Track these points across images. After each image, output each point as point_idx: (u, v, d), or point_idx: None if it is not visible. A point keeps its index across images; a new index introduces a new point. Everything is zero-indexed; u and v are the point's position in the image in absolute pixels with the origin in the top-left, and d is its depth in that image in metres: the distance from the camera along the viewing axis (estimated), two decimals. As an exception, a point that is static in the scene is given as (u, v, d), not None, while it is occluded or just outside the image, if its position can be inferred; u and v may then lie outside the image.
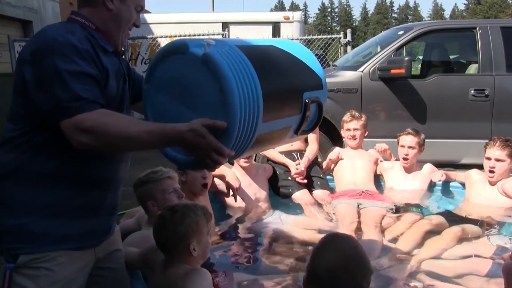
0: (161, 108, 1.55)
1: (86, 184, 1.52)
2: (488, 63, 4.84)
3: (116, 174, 1.63)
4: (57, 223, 1.48)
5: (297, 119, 1.70)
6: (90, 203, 1.55)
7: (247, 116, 1.42)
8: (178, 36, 7.92)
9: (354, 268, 1.47)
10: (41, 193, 1.46)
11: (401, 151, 3.61)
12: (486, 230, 2.97)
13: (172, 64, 1.50)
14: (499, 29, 4.92)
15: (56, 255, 1.48)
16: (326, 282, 1.46)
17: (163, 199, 2.18)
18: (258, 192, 3.37)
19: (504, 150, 3.16)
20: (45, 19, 11.85)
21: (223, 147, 1.36)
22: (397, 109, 4.84)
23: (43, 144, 1.45)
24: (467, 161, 4.60)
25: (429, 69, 5.85)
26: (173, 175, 2.26)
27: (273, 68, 1.61)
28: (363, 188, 3.52)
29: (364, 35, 69.45)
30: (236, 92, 1.39)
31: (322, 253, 1.52)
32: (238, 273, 2.40)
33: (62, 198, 1.48)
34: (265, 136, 1.57)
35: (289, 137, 1.75)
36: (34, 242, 1.46)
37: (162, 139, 1.37)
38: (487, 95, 4.74)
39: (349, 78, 4.88)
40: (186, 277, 1.69)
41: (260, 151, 1.68)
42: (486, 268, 2.44)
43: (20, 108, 1.45)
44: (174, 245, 1.76)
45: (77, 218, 1.52)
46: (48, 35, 1.41)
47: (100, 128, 1.33)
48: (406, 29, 5.30)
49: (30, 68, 1.37)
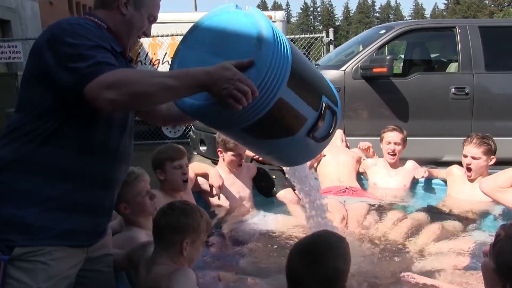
0: (191, 63, 1.59)
1: (87, 180, 1.53)
2: (468, 61, 4.91)
3: (117, 175, 1.65)
4: (55, 217, 1.48)
5: (314, 116, 1.74)
6: (90, 200, 1.56)
7: (276, 64, 1.49)
8: (161, 36, 7.87)
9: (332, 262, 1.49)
10: (42, 185, 1.46)
11: (386, 148, 3.65)
12: (467, 225, 3.01)
13: (215, 22, 1.62)
14: (477, 29, 5.00)
15: (52, 250, 1.47)
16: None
17: (136, 202, 2.17)
18: (242, 191, 3.37)
19: (480, 147, 3.20)
20: (24, 18, 11.66)
21: (249, 80, 1.40)
22: (379, 108, 4.88)
23: (50, 135, 1.46)
24: (448, 159, 4.66)
25: (411, 68, 5.92)
26: (146, 178, 2.24)
27: (303, 59, 1.76)
28: (347, 185, 3.55)
29: (347, 34, 69.98)
30: (272, 41, 1.49)
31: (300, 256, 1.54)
32: (223, 272, 2.39)
33: (62, 192, 1.48)
34: (284, 107, 1.60)
35: (301, 134, 1.74)
36: (31, 235, 1.45)
37: (186, 80, 1.38)
38: (467, 93, 4.82)
39: (332, 77, 4.90)
40: (171, 277, 1.68)
41: (274, 130, 1.68)
42: (465, 263, 2.49)
43: (32, 96, 1.47)
44: (170, 232, 1.76)
45: (76, 214, 1.52)
46: (63, 23, 1.47)
47: (124, 80, 1.35)
48: (388, 28, 5.35)
49: (50, 52, 1.41)
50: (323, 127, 1.79)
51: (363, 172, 3.88)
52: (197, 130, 5.36)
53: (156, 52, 8.48)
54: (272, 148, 1.84)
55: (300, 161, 2.03)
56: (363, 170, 3.86)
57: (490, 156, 3.22)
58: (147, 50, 8.49)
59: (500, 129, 4.64)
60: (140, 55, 8.52)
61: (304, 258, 1.52)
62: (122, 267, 1.98)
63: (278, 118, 1.64)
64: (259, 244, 2.85)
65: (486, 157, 3.21)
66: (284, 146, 1.79)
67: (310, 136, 1.76)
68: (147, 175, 2.27)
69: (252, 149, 2.05)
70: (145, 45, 8.38)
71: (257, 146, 1.87)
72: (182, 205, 1.84)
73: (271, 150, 1.87)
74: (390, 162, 3.68)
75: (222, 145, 3.26)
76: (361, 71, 4.82)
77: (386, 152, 3.67)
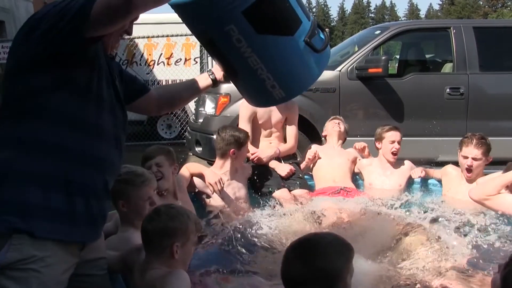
0: None
1: (82, 160, 1.52)
2: (462, 62, 4.94)
3: (109, 157, 1.62)
4: (49, 196, 1.45)
5: (307, 24, 1.74)
6: (84, 180, 1.53)
7: None
8: (156, 37, 7.85)
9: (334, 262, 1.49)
10: (38, 162, 1.45)
11: (390, 147, 3.64)
12: (463, 225, 3.02)
13: None
14: (472, 29, 5.03)
15: (44, 256, 1.44)
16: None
17: (135, 204, 2.16)
18: (238, 191, 3.37)
19: (480, 148, 3.22)
20: (18, 19, 11.60)
21: None
22: (375, 108, 4.90)
23: (34, 109, 1.47)
24: (443, 159, 4.68)
25: (406, 68, 5.95)
26: (152, 185, 2.24)
27: None
28: (341, 185, 3.55)
29: (342, 34, 70.04)
30: None
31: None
32: (218, 274, 2.39)
33: (57, 169, 1.47)
34: None
35: (299, 37, 1.71)
36: (27, 214, 1.42)
37: None
38: (462, 94, 4.84)
39: (327, 77, 4.91)
40: (164, 279, 1.67)
41: (274, 20, 1.65)
42: (461, 265, 2.49)
43: (15, 89, 1.48)
44: (159, 238, 1.75)
45: (71, 194, 1.49)
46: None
47: None
48: (383, 28, 5.38)
49: (44, 20, 1.43)
50: (318, 37, 1.77)
51: (358, 173, 3.89)
52: (193, 131, 5.35)
53: (152, 53, 8.45)
54: (272, 52, 1.74)
55: (301, 83, 1.90)
56: (359, 171, 3.86)
57: (488, 156, 3.25)
58: (142, 51, 8.47)
59: (494, 129, 4.66)
60: (135, 56, 8.49)
61: (299, 257, 1.51)
62: (116, 269, 1.97)
63: (277, 4, 1.64)
64: (256, 244, 2.84)
65: (485, 158, 3.24)
66: (284, 51, 1.74)
67: (307, 42, 1.72)
68: (155, 182, 2.26)
69: (251, 54, 1.76)
70: (140, 46, 8.36)
71: (257, 47, 1.72)
72: (167, 209, 1.82)
73: (271, 57, 1.75)
74: (391, 161, 3.68)
75: (236, 145, 3.28)
76: (356, 72, 4.84)
77: (390, 152, 3.65)
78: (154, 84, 8.39)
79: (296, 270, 1.49)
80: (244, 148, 3.39)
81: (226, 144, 3.29)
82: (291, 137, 3.84)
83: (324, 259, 1.48)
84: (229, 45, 1.68)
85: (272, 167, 3.69)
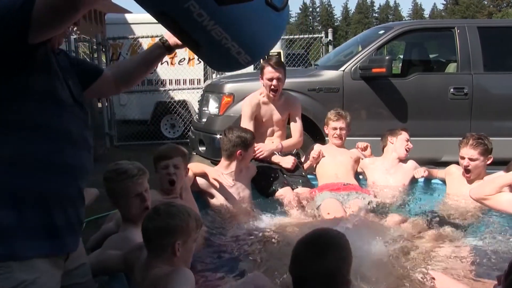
0: None
1: (54, 170, 1.44)
2: (466, 62, 4.92)
3: (80, 160, 1.54)
4: (26, 213, 1.37)
5: None
6: (59, 191, 1.46)
7: None
8: (161, 36, 7.83)
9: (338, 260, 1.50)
10: (7, 179, 1.35)
11: (404, 144, 3.72)
12: (466, 225, 3.02)
13: None
14: (476, 29, 5.01)
15: (35, 278, 1.37)
16: None
17: (125, 202, 2.17)
18: (242, 192, 3.38)
19: (476, 148, 3.21)
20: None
21: None
22: (378, 108, 4.89)
23: None
24: (447, 159, 4.67)
25: (410, 68, 5.93)
26: (138, 181, 2.18)
27: None
28: (344, 181, 3.56)
29: (346, 34, 70.00)
30: None
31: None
32: (222, 273, 2.39)
33: (29, 183, 1.38)
34: None
35: (259, 5, 1.62)
36: (6, 237, 1.33)
37: None
38: (466, 94, 4.83)
39: (331, 77, 4.91)
40: (168, 277, 1.67)
41: None
42: (462, 268, 2.48)
43: None
44: (159, 237, 1.75)
45: (48, 208, 1.42)
46: None
47: None
48: (387, 28, 5.37)
49: None
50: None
51: (361, 172, 3.89)
52: (196, 131, 5.36)
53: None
54: (235, 21, 1.69)
55: (265, 46, 1.87)
56: (362, 170, 3.87)
57: (487, 155, 3.24)
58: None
59: (498, 129, 4.65)
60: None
61: (311, 254, 1.53)
62: (118, 268, 1.97)
63: None
64: (260, 244, 2.85)
65: (483, 158, 3.22)
66: (248, 17, 1.68)
67: (269, 2, 1.63)
68: (142, 178, 2.21)
69: (214, 27, 1.72)
70: (144, 46, 8.37)
71: (220, 18, 1.67)
72: (167, 208, 1.82)
73: (234, 25, 1.70)
74: (401, 157, 3.73)
75: (242, 146, 3.30)
76: (360, 72, 4.83)
77: (405, 148, 3.71)
78: (158, 84, 8.44)
79: (306, 266, 1.51)
80: (251, 149, 3.41)
81: (232, 146, 3.30)
82: (295, 132, 3.87)
83: (335, 256, 1.51)
84: (191, 21, 1.64)
85: (276, 161, 3.71)
